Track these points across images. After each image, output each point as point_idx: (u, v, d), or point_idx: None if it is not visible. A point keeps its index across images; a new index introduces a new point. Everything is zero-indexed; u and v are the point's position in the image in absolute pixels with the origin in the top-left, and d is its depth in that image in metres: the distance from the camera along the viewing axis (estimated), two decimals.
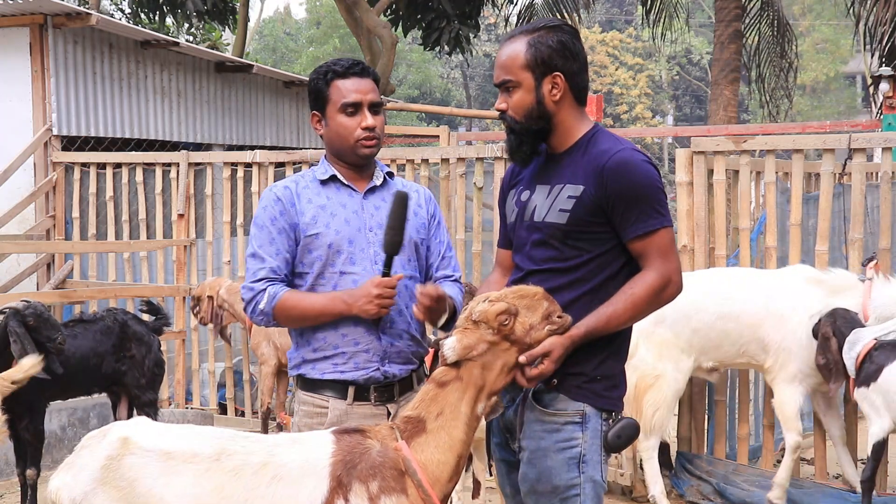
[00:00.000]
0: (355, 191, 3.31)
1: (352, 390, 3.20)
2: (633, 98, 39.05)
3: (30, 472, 5.73)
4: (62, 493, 2.73)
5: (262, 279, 3.21)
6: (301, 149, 10.56)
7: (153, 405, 6.26)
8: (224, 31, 18.91)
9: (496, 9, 16.33)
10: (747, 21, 13.93)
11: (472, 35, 15.71)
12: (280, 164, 8.05)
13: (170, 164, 8.63)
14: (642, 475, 5.99)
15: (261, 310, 3.20)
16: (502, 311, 2.76)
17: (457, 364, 2.77)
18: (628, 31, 41.11)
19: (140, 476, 2.68)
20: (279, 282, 3.22)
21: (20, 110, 9.21)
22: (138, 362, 6.19)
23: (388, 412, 3.22)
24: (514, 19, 15.60)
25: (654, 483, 5.82)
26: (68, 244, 8.75)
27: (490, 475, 3.37)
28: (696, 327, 5.72)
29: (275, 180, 6.94)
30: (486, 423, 3.01)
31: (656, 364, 5.76)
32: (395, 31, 15.43)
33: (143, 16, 16.66)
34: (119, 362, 6.14)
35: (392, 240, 3.13)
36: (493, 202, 7.26)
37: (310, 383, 3.26)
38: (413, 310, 3.16)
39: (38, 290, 8.89)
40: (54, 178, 9.11)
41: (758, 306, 5.64)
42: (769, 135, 7.31)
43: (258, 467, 2.68)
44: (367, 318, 3.16)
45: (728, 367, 6.06)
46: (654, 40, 15.88)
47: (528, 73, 2.95)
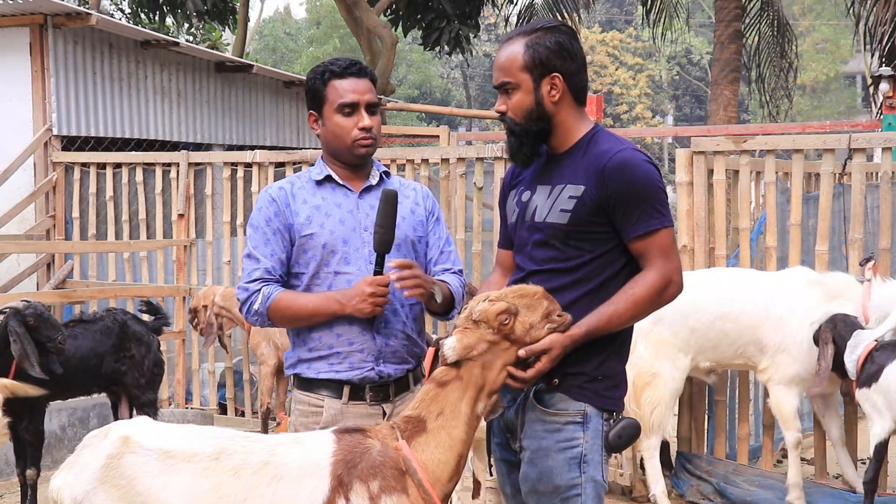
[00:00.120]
0: (350, 190, 3.30)
1: (347, 390, 3.20)
2: (633, 98, 39.05)
3: (30, 472, 5.72)
4: (63, 491, 2.74)
5: (256, 279, 3.21)
6: (301, 149, 10.55)
7: (153, 405, 6.26)
8: (224, 31, 18.91)
9: (496, 9, 16.35)
10: (747, 21, 13.94)
11: (472, 35, 15.72)
12: (280, 164, 8.05)
13: (170, 164, 8.63)
14: (642, 475, 6.00)
15: (255, 310, 3.20)
16: (502, 310, 2.76)
17: (457, 364, 2.77)
18: (628, 31, 41.12)
19: (139, 475, 2.68)
20: (274, 282, 3.22)
21: (20, 110, 9.21)
22: (138, 362, 6.19)
23: (383, 412, 3.22)
24: (513, 19, 15.60)
25: (656, 482, 5.81)
26: (68, 244, 8.75)
27: (490, 475, 3.36)
28: (694, 326, 5.72)
29: (275, 180, 6.93)
30: (486, 423, 3.01)
31: (653, 362, 5.77)
32: (395, 31, 15.44)
33: (143, 16, 16.66)
34: (119, 362, 6.14)
35: (382, 238, 3.12)
36: (493, 202, 7.25)
37: (306, 383, 3.26)
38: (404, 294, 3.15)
39: (38, 290, 8.89)
40: (54, 178, 9.11)
41: (757, 308, 5.63)
42: (769, 135, 7.32)
43: (258, 467, 2.68)
44: (362, 318, 3.16)
45: (725, 367, 6.06)
46: (654, 40, 15.90)
47: (527, 74, 2.95)
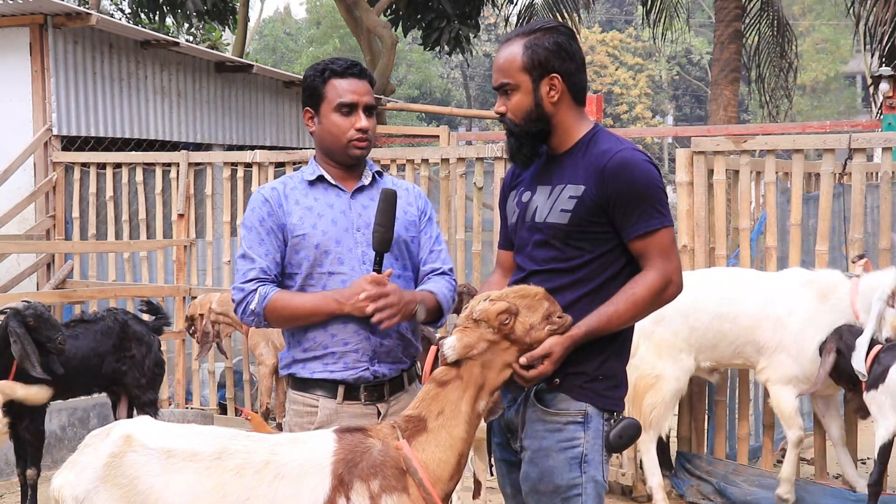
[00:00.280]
0: (343, 191, 3.30)
1: (341, 390, 3.20)
2: (633, 98, 39.05)
3: (30, 472, 5.73)
4: (65, 490, 2.74)
5: (252, 280, 3.20)
6: (301, 149, 10.55)
7: (153, 405, 6.26)
8: (224, 31, 18.91)
9: (496, 9, 16.34)
10: (747, 21, 13.94)
11: (472, 35, 15.71)
12: (280, 164, 8.05)
13: (170, 164, 8.62)
14: (643, 475, 6.00)
15: (251, 310, 3.19)
16: (503, 310, 2.76)
17: (457, 363, 2.77)
18: (628, 31, 41.11)
19: (141, 474, 2.68)
20: (269, 282, 3.21)
21: (20, 110, 9.21)
22: (138, 362, 6.19)
23: (378, 411, 3.22)
24: (513, 19, 15.60)
25: (652, 475, 5.84)
26: (68, 244, 8.75)
27: (491, 475, 3.36)
28: (694, 326, 5.73)
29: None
30: (486, 423, 3.00)
31: (656, 363, 5.77)
32: (395, 31, 15.43)
33: (143, 16, 16.66)
34: (119, 362, 6.14)
35: (382, 237, 3.12)
36: (493, 202, 7.25)
37: (300, 382, 3.26)
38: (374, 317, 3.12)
39: (38, 290, 8.89)
40: (54, 178, 9.11)
41: (755, 308, 5.63)
42: (769, 135, 7.31)
43: (260, 466, 2.68)
44: (358, 317, 3.15)
45: (725, 367, 6.06)
46: (654, 40, 15.91)
47: (526, 75, 2.95)
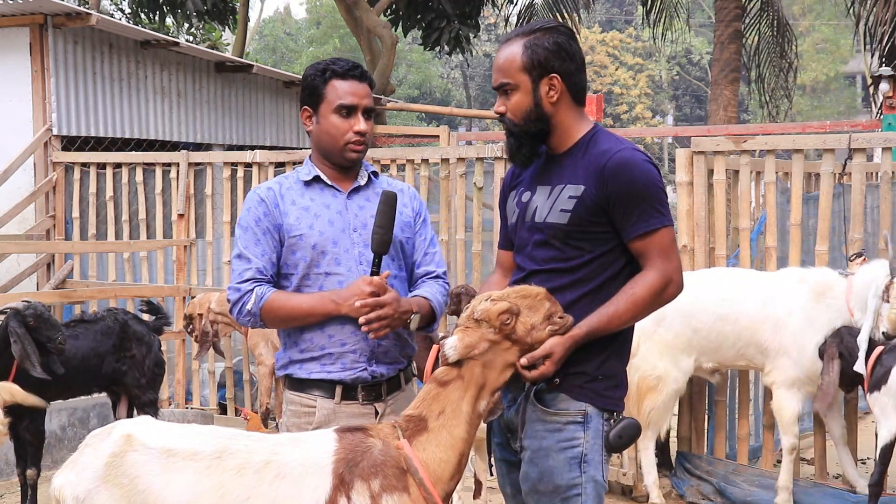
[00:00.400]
0: (339, 191, 3.30)
1: (339, 390, 3.20)
2: (633, 98, 39.04)
3: (30, 472, 5.73)
4: (66, 490, 2.73)
5: (248, 280, 3.20)
6: (301, 149, 10.55)
7: (153, 405, 6.26)
8: (224, 31, 18.90)
9: (496, 9, 16.33)
10: (747, 21, 13.93)
11: (472, 35, 15.70)
12: (280, 164, 8.04)
13: (170, 164, 8.63)
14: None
15: (248, 310, 3.18)
16: (504, 310, 2.76)
17: (458, 363, 2.77)
18: (628, 31, 41.10)
19: (141, 473, 2.68)
20: (266, 283, 3.20)
21: (20, 110, 9.22)
22: (138, 362, 6.19)
23: (375, 411, 3.22)
24: (513, 19, 15.60)
25: (648, 473, 5.88)
26: (68, 244, 8.75)
27: (491, 475, 3.36)
28: (696, 327, 5.72)
29: None
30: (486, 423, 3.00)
31: (657, 363, 5.77)
32: (395, 31, 15.42)
33: (143, 16, 16.65)
34: (119, 362, 6.14)
35: (381, 239, 3.12)
36: (493, 202, 7.25)
37: (297, 383, 3.25)
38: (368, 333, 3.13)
39: (38, 290, 8.89)
40: (54, 178, 9.11)
41: (755, 309, 5.62)
42: (769, 135, 7.31)
43: (261, 466, 2.68)
44: (357, 318, 3.14)
45: (728, 368, 6.06)
46: (654, 40, 15.90)
47: (525, 75, 2.95)
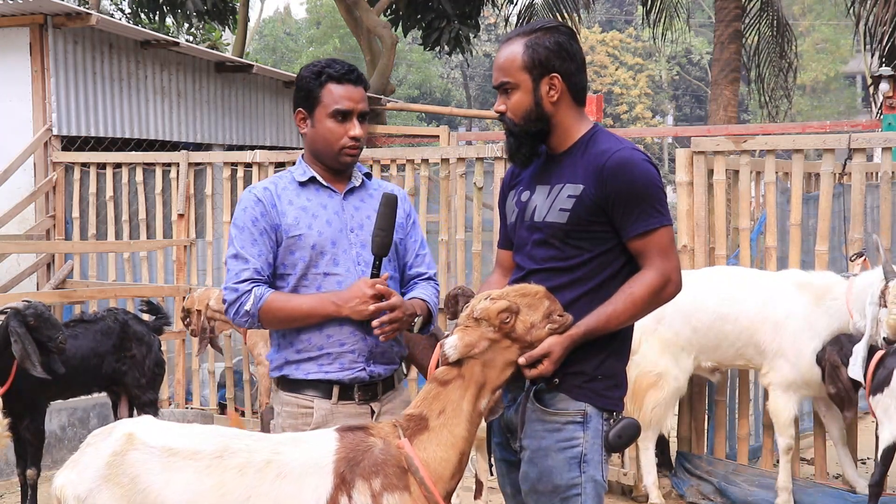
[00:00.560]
0: (335, 192, 3.30)
1: (336, 390, 3.20)
2: (633, 98, 39.04)
3: (30, 471, 5.73)
4: (67, 490, 2.74)
5: (246, 280, 3.18)
6: (301, 149, 10.53)
7: (153, 405, 6.26)
8: (224, 31, 18.90)
9: (496, 9, 16.33)
10: (747, 21, 13.94)
11: (472, 35, 15.69)
12: (280, 164, 8.03)
13: (170, 164, 8.62)
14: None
15: (246, 311, 3.17)
16: (504, 308, 2.76)
17: (458, 362, 2.78)
18: (628, 31, 41.10)
19: (142, 472, 2.69)
20: (263, 283, 3.19)
21: (20, 110, 9.21)
22: (139, 362, 6.19)
23: (371, 411, 3.23)
24: (513, 19, 15.61)
25: (648, 473, 5.88)
26: (68, 244, 8.75)
27: (492, 475, 3.36)
28: (695, 326, 5.72)
29: None
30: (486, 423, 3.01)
31: (657, 361, 5.77)
32: (395, 31, 15.42)
33: (143, 16, 16.64)
34: (119, 362, 6.14)
35: (383, 241, 3.13)
36: (493, 202, 7.25)
37: (293, 384, 3.24)
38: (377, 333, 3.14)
39: (38, 290, 8.89)
40: (54, 178, 9.11)
41: (755, 310, 5.62)
42: (769, 135, 7.32)
43: (262, 465, 2.68)
44: (357, 319, 3.15)
45: (728, 367, 6.06)
46: (654, 40, 15.90)
47: (526, 74, 2.96)
